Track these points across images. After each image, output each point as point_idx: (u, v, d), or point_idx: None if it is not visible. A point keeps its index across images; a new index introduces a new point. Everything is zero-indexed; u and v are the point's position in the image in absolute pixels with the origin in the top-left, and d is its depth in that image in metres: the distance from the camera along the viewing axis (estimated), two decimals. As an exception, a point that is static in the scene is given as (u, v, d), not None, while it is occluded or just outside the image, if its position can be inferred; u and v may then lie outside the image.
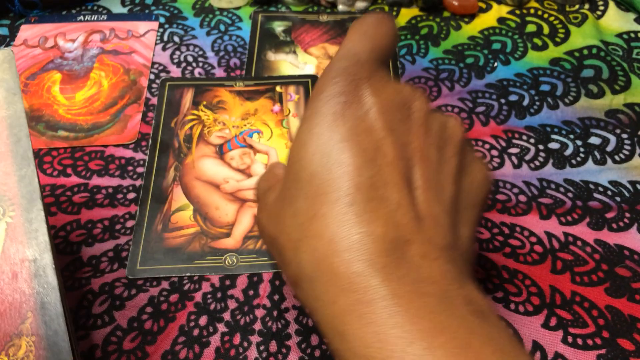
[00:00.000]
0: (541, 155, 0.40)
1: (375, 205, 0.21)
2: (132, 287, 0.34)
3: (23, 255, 0.25)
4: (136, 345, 0.32)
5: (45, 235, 0.26)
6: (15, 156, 0.27)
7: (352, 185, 0.21)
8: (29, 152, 0.27)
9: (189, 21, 0.49)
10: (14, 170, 0.27)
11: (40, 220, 0.26)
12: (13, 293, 0.25)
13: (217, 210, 0.37)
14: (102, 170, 0.39)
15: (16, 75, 0.28)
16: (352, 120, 0.22)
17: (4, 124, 0.27)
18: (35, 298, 0.25)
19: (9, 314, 0.24)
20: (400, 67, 0.46)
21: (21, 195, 0.26)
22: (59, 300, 0.25)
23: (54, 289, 0.25)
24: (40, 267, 0.25)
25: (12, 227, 0.26)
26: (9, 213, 0.26)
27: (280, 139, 0.41)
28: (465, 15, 0.50)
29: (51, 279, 0.25)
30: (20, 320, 0.24)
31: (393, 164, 0.22)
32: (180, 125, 0.41)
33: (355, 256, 0.20)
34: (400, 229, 0.21)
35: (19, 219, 0.26)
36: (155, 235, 0.36)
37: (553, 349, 0.31)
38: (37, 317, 0.24)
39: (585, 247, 0.35)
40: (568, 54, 0.46)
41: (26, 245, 0.25)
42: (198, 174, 0.39)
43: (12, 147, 0.27)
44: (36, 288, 0.25)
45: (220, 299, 0.33)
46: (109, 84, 0.44)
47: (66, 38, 0.48)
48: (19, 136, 0.27)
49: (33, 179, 0.26)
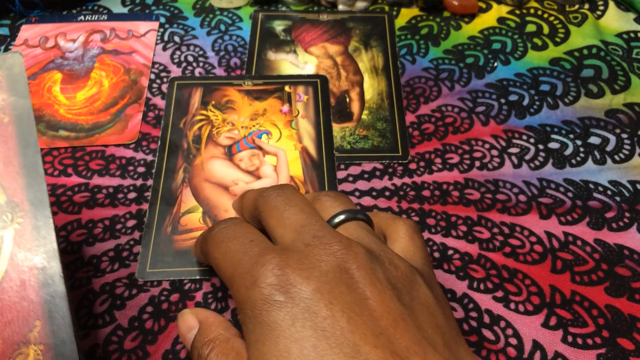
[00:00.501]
0: (541, 155, 0.40)
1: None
2: (133, 287, 0.34)
3: (31, 263, 0.25)
4: (137, 345, 0.32)
5: (53, 243, 0.25)
6: (23, 161, 0.26)
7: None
8: (37, 158, 0.27)
9: (190, 21, 0.50)
10: (22, 175, 0.26)
11: (48, 227, 0.26)
12: (21, 301, 0.24)
13: (227, 213, 0.37)
14: (103, 170, 0.39)
15: (25, 79, 0.28)
16: (307, 328, 0.21)
17: (12, 129, 0.27)
18: (44, 307, 0.24)
19: (17, 322, 0.24)
20: (401, 67, 0.46)
21: (29, 201, 0.26)
22: (67, 309, 0.24)
23: (62, 298, 0.25)
24: (49, 275, 0.25)
25: (20, 234, 0.25)
26: (17, 219, 0.26)
27: (289, 140, 0.41)
28: (465, 15, 0.50)
29: (59, 287, 0.25)
30: (28, 328, 0.24)
31: (372, 352, 0.20)
32: (189, 126, 0.41)
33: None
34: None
35: (27, 225, 0.25)
36: (165, 237, 0.36)
37: (553, 349, 0.31)
38: (45, 325, 0.24)
39: (585, 247, 0.35)
40: (568, 54, 0.47)
41: (34, 253, 0.25)
42: (207, 176, 0.39)
43: (21, 151, 0.27)
44: (44, 296, 0.24)
45: (220, 299, 0.33)
46: (109, 84, 0.45)
47: (67, 38, 0.48)
48: (28, 141, 0.27)
49: (41, 185, 0.26)
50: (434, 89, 0.44)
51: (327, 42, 0.48)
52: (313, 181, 0.38)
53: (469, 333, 0.32)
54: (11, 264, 0.25)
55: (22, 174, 0.26)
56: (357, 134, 0.41)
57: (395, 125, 0.42)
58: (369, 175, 0.39)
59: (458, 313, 0.33)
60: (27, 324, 0.24)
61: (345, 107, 0.43)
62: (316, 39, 0.48)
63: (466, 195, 0.38)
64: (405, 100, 0.43)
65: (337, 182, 0.39)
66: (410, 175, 0.39)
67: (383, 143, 0.41)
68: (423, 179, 0.39)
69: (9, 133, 0.27)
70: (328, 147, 0.40)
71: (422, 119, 0.42)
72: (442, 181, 0.39)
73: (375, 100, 0.43)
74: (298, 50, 0.47)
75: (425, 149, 0.41)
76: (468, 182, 0.39)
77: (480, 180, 0.39)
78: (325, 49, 0.47)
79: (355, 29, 0.49)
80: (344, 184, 0.39)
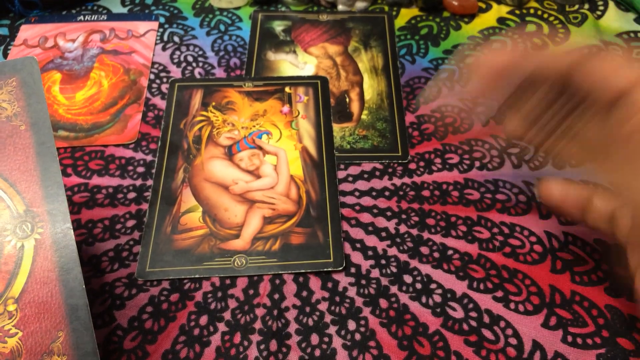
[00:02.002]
0: (541, 155, 0.40)
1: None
2: (133, 287, 0.34)
3: (53, 275, 0.25)
4: (137, 345, 0.32)
5: (74, 252, 0.25)
6: (42, 170, 0.26)
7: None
8: (55, 166, 0.26)
9: (189, 21, 0.49)
10: (40, 185, 0.26)
11: (69, 238, 0.25)
12: (44, 312, 0.24)
13: (227, 212, 0.37)
14: (102, 170, 0.39)
15: (40, 84, 0.27)
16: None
17: (29, 136, 0.27)
18: (66, 318, 0.24)
19: (40, 333, 0.24)
20: (400, 67, 0.46)
21: (49, 212, 0.26)
22: (90, 320, 0.24)
23: (84, 309, 0.24)
24: (70, 287, 0.25)
25: (41, 244, 0.25)
26: (38, 230, 0.25)
27: (290, 140, 0.41)
28: (465, 15, 0.50)
29: (81, 299, 0.25)
30: (52, 339, 0.24)
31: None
32: (190, 127, 0.41)
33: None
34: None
35: (48, 236, 0.25)
36: (165, 237, 0.36)
37: (553, 349, 0.31)
38: (68, 336, 0.24)
39: (585, 247, 0.35)
40: (568, 54, 0.46)
41: (56, 264, 0.25)
42: (207, 176, 0.39)
43: (39, 160, 0.26)
44: (66, 308, 0.24)
45: (220, 299, 0.33)
46: (109, 84, 0.44)
47: (66, 38, 0.48)
48: (46, 149, 0.26)
49: (61, 195, 0.26)
50: (433, 88, 0.44)
51: (327, 43, 0.48)
52: (313, 180, 0.38)
53: (469, 333, 0.32)
54: (32, 275, 0.25)
55: (41, 184, 0.26)
56: (356, 134, 0.41)
57: (395, 126, 0.42)
58: (368, 175, 0.39)
59: (458, 313, 0.33)
60: (50, 335, 0.24)
61: (345, 107, 0.43)
62: (316, 39, 0.48)
63: (466, 195, 0.38)
64: (405, 101, 0.43)
65: (337, 182, 0.39)
66: (410, 175, 0.39)
67: (383, 143, 0.41)
68: (423, 179, 0.39)
69: (26, 141, 0.26)
70: (328, 147, 0.40)
71: (422, 119, 0.42)
72: (441, 181, 0.39)
73: (375, 101, 0.43)
74: (298, 51, 0.47)
75: (425, 149, 0.41)
76: (468, 182, 0.39)
77: (480, 180, 0.39)
78: (324, 49, 0.47)
79: (354, 29, 0.49)
80: (344, 184, 0.39)
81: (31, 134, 0.27)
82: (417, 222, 0.37)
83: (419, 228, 0.36)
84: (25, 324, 0.24)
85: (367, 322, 0.32)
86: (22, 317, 0.24)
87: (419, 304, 0.33)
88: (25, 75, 0.28)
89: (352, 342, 0.32)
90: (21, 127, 0.27)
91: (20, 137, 0.27)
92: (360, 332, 0.32)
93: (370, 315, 0.33)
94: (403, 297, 0.33)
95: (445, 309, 0.33)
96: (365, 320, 0.33)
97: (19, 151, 0.26)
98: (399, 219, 0.37)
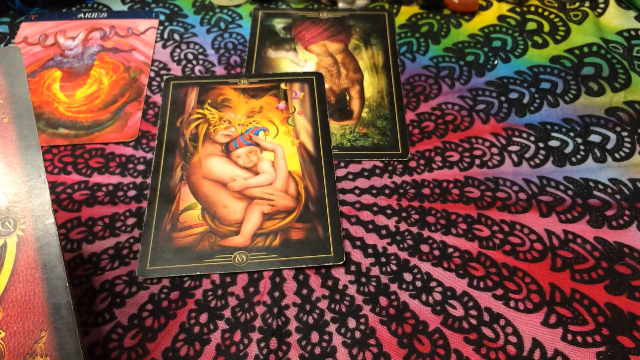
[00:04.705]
0: (541, 153, 0.40)
1: None
2: (133, 285, 0.34)
3: (36, 273, 0.24)
4: (137, 343, 0.32)
5: (57, 248, 0.25)
6: (25, 165, 0.26)
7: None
8: (39, 161, 0.25)
9: (189, 19, 0.49)
10: (24, 180, 0.25)
11: (52, 234, 0.25)
12: (26, 312, 0.24)
13: (226, 209, 0.37)
14: (103, 168, 0.39)
15: (24, 76, 0.27)
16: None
17: (12, 129, 0.26)
18: (49, 317, 0.24)
19: (23, 333, 0.23)
20: (401, 65, 0.46)
21: (32, 207, 0.25)
22: (73, 319, 0.24)
23: (68, 309, 0.24)
24: (54, 286, 0.24)
25: (24, 241, 0.25)
26: (20, 226, 0.25)
27: (287, 137, 0.41)
28: (465, 13, 0.50)
29: (64, 298, 0.24)
30: (34, 339, 0.24)
31: None
32: (186, 125, 0.41)
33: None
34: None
35: (31, 233, 0.25)
36: (164, 235, 0.36)
37: (553, 347, 0.31)
38: (51, 336, 0.24)
39: (585, 245, 0.35)
40: (568, 52, 0.46)
41: (38, 261, 0.24)
42: (205, 173, 0.39)
43: (22, 154, 0.26)
44: (49, 307, 0.24)
45: (220, 296, 0.33)
46: (109, 82, 0.44)
47: (66, 36, 0.48)
48: (29, 143, 0.26)
49: (44, 190, 0.25)
50: (434, 87, 0.44)
51: (327, 40, 0.48)
52: (311, 176, 0.38)
53: (469, 331, 0.32)
54: (15, 273, 0.24)
55: (24, 179, 0.25)
56: (357, 131, 0.41)
57: (395, 123, 0.42)
58: (369, 173, 0.39)
59: (458, 311, 0.33)
60: (33, 335, 0.23)
61: (345, 105, 0.43)
62: (316, 37, 0.48)
63: (466, 193, 0.38)
64: (405, 98, 0.43)
65: (335, 177, 0.38)
66: (410, 173, 0.39)
67: (383, 141, 0.41)
68: (423, 177, 0.39)
69: (9, 134, 0.26)
70: (325, 143, 0.40)
71: (422, 117, 0.42)
72: (442, 179, 0.39)
73: (375, 98, 0.43)
74: (298, 48, 0.47)
75: (425, 147, 0.41)
76: (468, 180, 0.39)
77: (480, 178, 0.39)
78: (325, 46, 0.47)
79: (355, 26, 0.49)
80: (344, 182, 0.39)
81: (14, 126, 0.26)
82: (418, 220, 0.37)
83: (419, 226, 0.36)
84: (8, 324, 0.23)
85: (367, 320, 0.33)
86: (4, 317, 0.23)
87: (419, 302, 0.33)
88: (7, 66, 0.27)
89: (352, 340, 0.32)
90: (4, 120, 0.26)
91: (3, 130, 0.26)
92: (360, 330, 0.32)
93: (370, 313, 0.33)
94: (403, 295, 0.33)
95: (445, 307, 0.33)
96: (365, 318, 0.33)
97: (1, 145, 0.26)
98: (399, 217, 0.37)
